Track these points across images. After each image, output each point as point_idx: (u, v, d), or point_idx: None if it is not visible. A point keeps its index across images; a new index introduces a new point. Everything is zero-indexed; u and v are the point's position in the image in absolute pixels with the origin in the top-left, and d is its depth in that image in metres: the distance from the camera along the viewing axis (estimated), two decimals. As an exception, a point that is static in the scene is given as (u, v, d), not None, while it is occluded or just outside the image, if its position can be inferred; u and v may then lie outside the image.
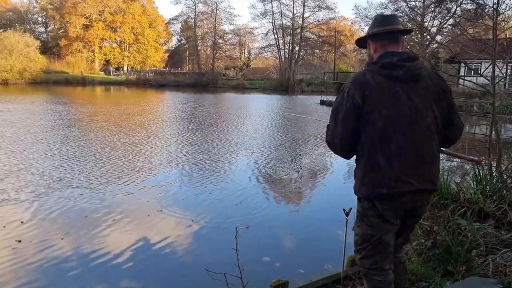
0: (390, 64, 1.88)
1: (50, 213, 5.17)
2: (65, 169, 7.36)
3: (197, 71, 49.32)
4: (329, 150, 2.12)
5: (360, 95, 1.84)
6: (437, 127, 1.92)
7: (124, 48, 55.54)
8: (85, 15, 51.50)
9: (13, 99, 22.36)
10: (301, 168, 8.35)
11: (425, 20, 27.58)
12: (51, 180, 6.63)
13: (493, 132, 4.66)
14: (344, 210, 2.84)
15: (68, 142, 10.06)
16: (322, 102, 25.18)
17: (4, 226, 4.71)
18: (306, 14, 46.04)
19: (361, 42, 2.15)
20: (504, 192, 4.02)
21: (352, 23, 51.70)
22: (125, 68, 55.48)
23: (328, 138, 2.02)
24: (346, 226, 2.87)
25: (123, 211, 5.33)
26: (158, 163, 8.22)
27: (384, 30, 1.98)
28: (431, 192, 2.03)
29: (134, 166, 7.79)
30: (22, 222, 4.84)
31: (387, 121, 1.83)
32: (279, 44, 46.46)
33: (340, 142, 1.93)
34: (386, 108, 1.83)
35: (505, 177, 4.21)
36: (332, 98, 27.51)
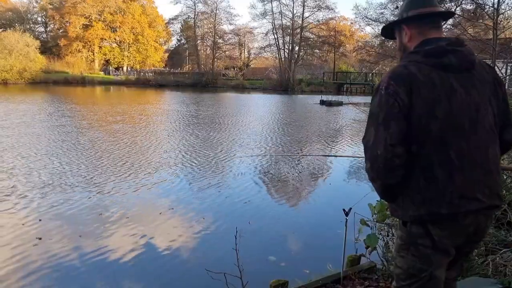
0: (438, 49, 1.50)
1: (67, 211, 5.28)
2: (86, 170, 7.43)
3: (197, 71, 49.30)
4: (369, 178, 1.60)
5: (405, 92, 1.45)
6: (497, 127, 1.57)
7: (124, 48, 55.46)
8: (85, 15, 51.44)
9: (23, 100, 22.21)
10: (304, 168, 8.35)
11: (425, 20, 27.51)
12: (70, 180, 6.73)
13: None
14: (343, 210, 2.84)
15: (91, 143, 10.07)
16: (322, 102, 25.20)
17: (23, 224, 4.82)
18: (306, 14, 46.07)
19: (389, 31, 1.76)
20: (504, 192, 4.02)
21: (352, 23, 51.63)
22: (124, 68, 55.44)
23: (368, 154, 1.52)
24: (345, 226, 2.87)
25: (137, 209, 5.46)
26: (173, 163, 8.30)
27: (425, 12, 1.59)
28: (498, 208, 1.63)
29: (151, 167, 7.86)
30: (40, 220, 4.95)
31: (444, 123, 1.45)
32: (278, 44, 46.46)
33: (385, 153, 1.45)
34: (440, 106, 1.46)
35: (505, 177, 4.20)
36: (331, 97, 27.56)
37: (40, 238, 4.43)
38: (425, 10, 1.59)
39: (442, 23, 1.69)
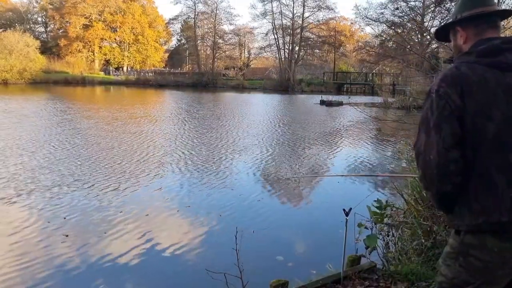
0: (492, 48, 1.42)
1: (88, 210, 5.37)
2: (106, 170, 7.49)
3: (197, 71, 49.29)
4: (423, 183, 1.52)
5: (457, 93, 1.38)
6: None
7: (124, 48, 55.46)
8: (85, 15, 51.45)
9: (37, 100, 22.33)
10: (305, 168, 8.35)
11: (425, 20, 27.59)
12: (91, 179, 6.83)
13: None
14: (344, 210, 2.84)
15: (118, 144, 10.16)
16: (322, 102, 25.22)
17: (49, 222, 4.93)
18: (306, 14, 46.06)
19: (443, 33, 1.68)
20: None
21: (352, 23, 51.60)
22: (125, 68, 55.43)
23: (420, 162, 1.46)
24: (346, 226, 2.87)
25: (154, 208, 5.56)
26: (180, 162, 8.38)
27: (479, 12, 1.51)
28: None
29: (162, 167, 7.93)
30: (64, 218, 5.05)
31: (501, 125, 1.36)
32: (279, 44, 46.48)
33: (438, 157, 1.38)
34: (497, 107, 1.37)
35: None
36: (332, 97, 27.55)
37: (67, 235, 4.53)
38: (480, 10, 1.51)
39: (501, 22, 1.60)
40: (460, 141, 1.38)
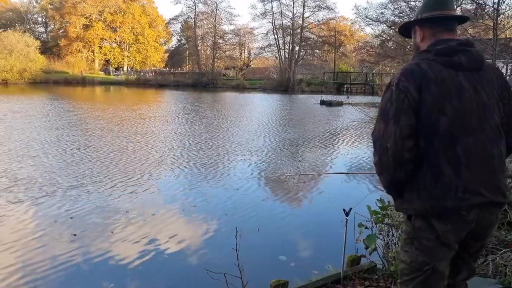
0: (448, 49, 1.55)
1: (95, 210, 5.41)
2: (115, 171, 7.53)
3: (197, 71, 49.26)
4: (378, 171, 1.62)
5: (415, 88, 1.50)
6: (502, 128, 1.59)
7: (124, 48, 55.45)
8: (85, 15, 51.42)
9: (41, 100, 22.41)
10: (305, 168, 8.36)
11: (425, 20, 27.51)
12: (98, 180, 6.85)
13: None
14: (344, 210, 2.85)
15: (125, 143, 10.25)
16: (322, 102, 25.20)
17: (55, 221, 4.99)
18: (306, 14, 46.00)
19: (406, 29, 1.81)
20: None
21: (352, 23, 51.51)
22: (125, 68, 55.41)
23: (377, 148, 1.57)
24: (346, 226, 2.88)
25: (162, 208, 5.62)
26: (196, 163, 8.44)
27: (438, 15, 1.63)
28: (501, 206, 1.64)
29: (163, 168, 7.97)
30: (71, 218, 5.11)
31: (452, 120, 1.49)
32: (279, 44, 46.43)
33: (395, 146, 1.49)
34: (450, 103, 1.50)
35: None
36: (332, 97, 27.54)
37: (75, 235, 4.59)
38: (437, 13, 1.63)
39: (456, 26, 1.72)
40: (415, 132, 1.51)
